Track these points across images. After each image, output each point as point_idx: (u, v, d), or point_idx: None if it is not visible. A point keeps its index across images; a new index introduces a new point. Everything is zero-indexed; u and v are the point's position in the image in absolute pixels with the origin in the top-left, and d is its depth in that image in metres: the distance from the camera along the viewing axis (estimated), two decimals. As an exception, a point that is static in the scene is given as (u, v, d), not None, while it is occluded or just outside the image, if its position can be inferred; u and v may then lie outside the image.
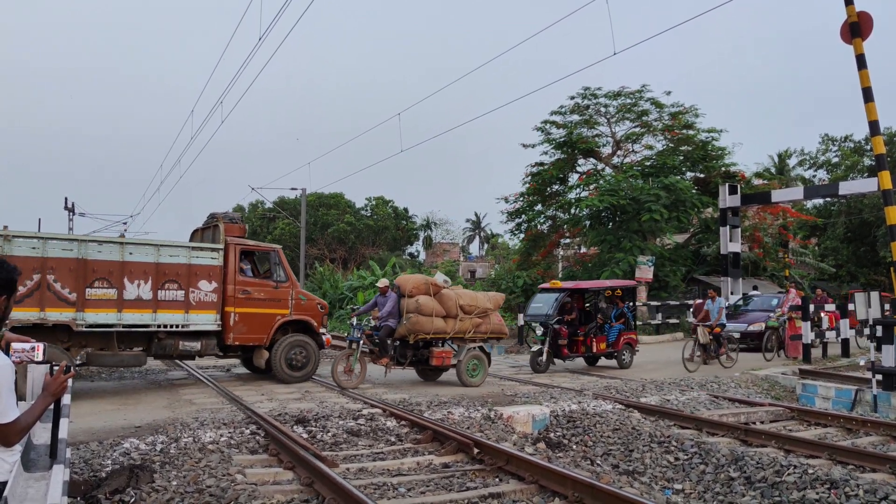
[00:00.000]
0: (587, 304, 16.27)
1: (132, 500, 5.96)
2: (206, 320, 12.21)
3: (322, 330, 13.50)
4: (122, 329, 11.49)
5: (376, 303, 12.91)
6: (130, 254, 11.70)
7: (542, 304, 15.53)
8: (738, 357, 15.97)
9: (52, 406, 3.20)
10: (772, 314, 17.35)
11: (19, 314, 10.51)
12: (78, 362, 11.51)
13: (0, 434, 2.89)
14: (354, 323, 12.49)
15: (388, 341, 12.36)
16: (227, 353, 13.13)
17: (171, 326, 11.90)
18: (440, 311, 12.33)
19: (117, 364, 12.12)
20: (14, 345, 3.14)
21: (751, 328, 18.68)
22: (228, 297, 12.45)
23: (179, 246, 12.37)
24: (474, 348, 12.80)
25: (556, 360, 15.28)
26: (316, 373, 13.50)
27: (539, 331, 14.89)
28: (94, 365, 12.05)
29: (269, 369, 13.16)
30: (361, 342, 12.08)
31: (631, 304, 16.34)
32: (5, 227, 11.08)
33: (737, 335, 18.28)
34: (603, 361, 16.16)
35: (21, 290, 10.27)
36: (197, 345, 12.19)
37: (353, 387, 11.87)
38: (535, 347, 14.96)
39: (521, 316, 21.37)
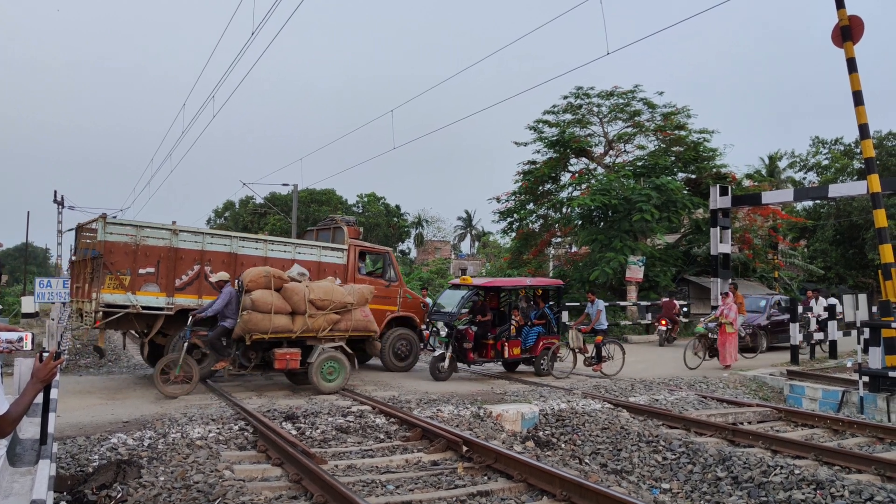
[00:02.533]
0: (502, 305, 14.61)
1: (119, 495, 5.93)
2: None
3: (423, 326, 14.76)
4: None
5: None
6: (271, 250, 12.99)
7: (449, 302, 14.04)
8: (626, 361, 14.46)
9: (41, 397, 3.16)
10: (702, 318, 16.49)
11: (181, 300, 11.89)
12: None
13: None
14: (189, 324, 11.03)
15: (224, 342, 10.89)
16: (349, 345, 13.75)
17: None
18: (283, 308, 10.77)
19: None
20: (1, 334, 3.09)
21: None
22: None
23: (312, 245, 13.75)
24: (330, 349, 11.22)
25: (503, 366, 14.27)
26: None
27: (443, 332, 13.01)
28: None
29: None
30: (187, 344, 10.64)
31: (554, 305, 14.66)
32: (174, 223, 12.15)
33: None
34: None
35: (183, 278, 12.00)
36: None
37: (185, 393, 10.56)
38: (438, 351, 13.19)
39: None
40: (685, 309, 23.31)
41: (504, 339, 13.66)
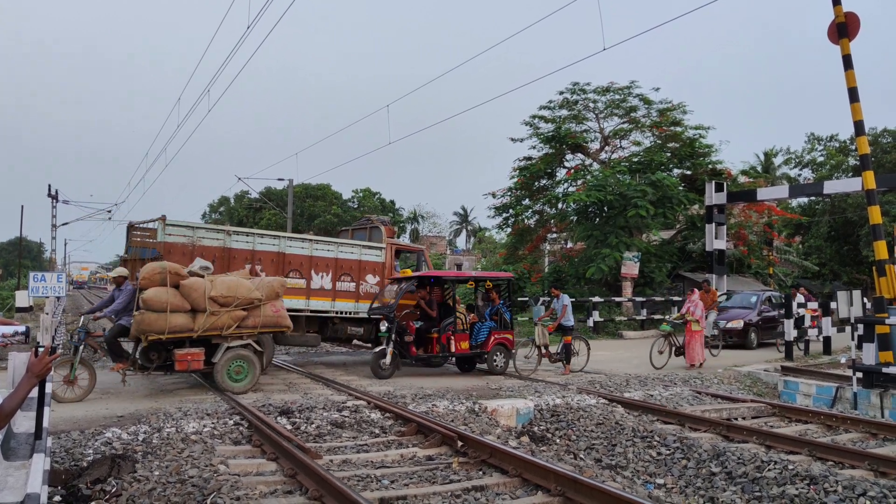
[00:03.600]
0: (446, 297, 14.06)
1: (114, 489, 5.92)
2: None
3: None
4: (308, 314, 13.32)
5: (113, 298, 10.88)
6: (316, 249, 13.53)
7: (391, 294, 13.56)
8: (590, 356, 14.14)
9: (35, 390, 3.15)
10: (667, 316, 15.80)
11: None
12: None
13: None
14: (81, 324, 10.69)
15: (121, 343, 10.54)
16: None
17: (345, 313, 13.81)
18: (181, 306, 10.17)
19: (300, 343, 13.84)
20: None
21: (730, 325, 18.63)
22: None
23: (353, 244, 14.25)
24: (237, 347, 10.60)
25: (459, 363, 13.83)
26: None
27: (384, 327, 12.41)
28: (281, 344, 13.95)
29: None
30: (82, 347, 10.10)
31: (507, 299, 14.07)
32: (226, 224, 12.58)
33: (715, 332, 18.42)
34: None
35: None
36: (360, 329, 14.10)
37: (78, 399, 9.84)
38: (379, 347, 12.67)
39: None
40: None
41: (450, 334, 13.02)
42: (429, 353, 13.07)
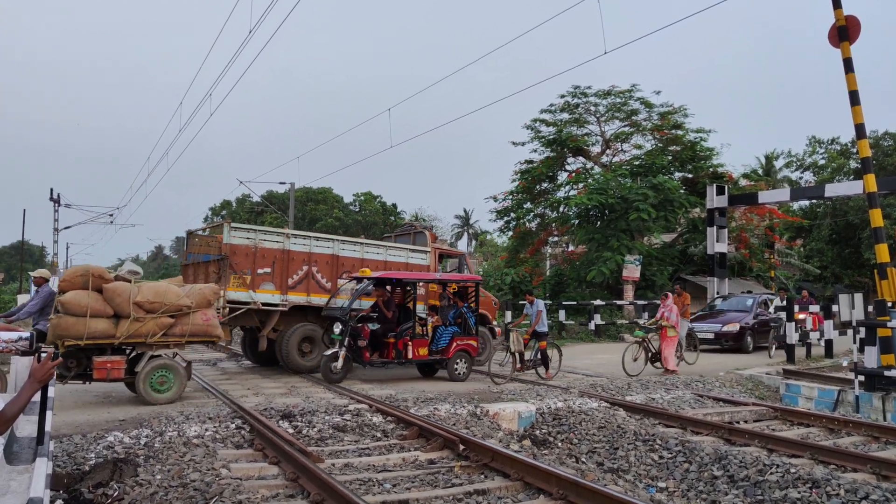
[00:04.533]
0: (407, 300, 13.53)
1: (116, 493, 5.93)
2: (417, 309, 14.07)
3: (494, 323, 15.91)
4: (364, 314, 13.24)
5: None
6: (367, 252, 14.05)
7: (345, 293, 13.11)
8: (561, 363, 13.79)
9: (38, 395, 3.15)
10: (640, 321, 14.99)
11: (293, 297, 13.10)
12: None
13: None
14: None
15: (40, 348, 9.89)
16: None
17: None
18: (102, 311, 9.69)
19: None
20: (0, 334, 3.08)
21: (725, 329, 18.34)
22: (432, 291, 14.65)
23: (401, 248, 14.80)
24: (162, 356, 10.07)
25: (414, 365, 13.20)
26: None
27: (337, 329, 11.97)
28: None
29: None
30: None
31: (473, 303, 13.51)
32: (286, 227, 13.39)
33: (711, 336, 18.29)
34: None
35: (294, 277, 13.10)
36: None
37: None
38: (330, 350, 12.16)
39: (507, 313, 21.33)
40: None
41: (407, 339, 12.53)
42: (384, 357, 12.56)
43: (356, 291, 12.53)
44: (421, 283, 14.13)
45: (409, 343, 12.51)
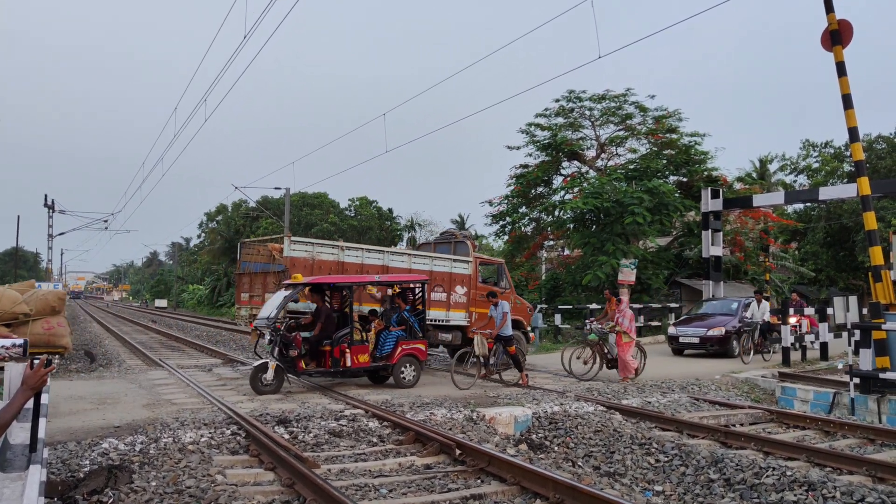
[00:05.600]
0: (344, 305, 12.65)
1: (110, 500, 5.90)
2: (460, 317, 15.16)
3: (529, 328, 16.65)
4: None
5: None
6: (414, 262, 14.54)
7: (274, 303, 12.17)
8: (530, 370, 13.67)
9: (31, 402, 3.14)
10: (590, 325, 14.31)
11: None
12: None
13: None
14: None
15: None
16: (467, 345, 14.44)
17: (437, 321, 14.70)
18: None
19: None
20: None
21: (710, 332, 17.95)
22: (472, 299, 15.35)
23: (445, 258, 15.29)
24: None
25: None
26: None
27: (267, 337, 11.34)
28: None
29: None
30: None
31: (419, 305, 13.08)
32: (340, 240, 13.76)
33: (696, 340, 18.15)
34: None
35: None
36: (449, 336, 14.93)
37: None
38: (259, 361, 11.68)
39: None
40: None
41: (344, 346, 11.80)
42: (321, 366, 11.89)
43: (285, 299, 11.68)
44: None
45: (347, 350, 11.81)
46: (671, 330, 19.33)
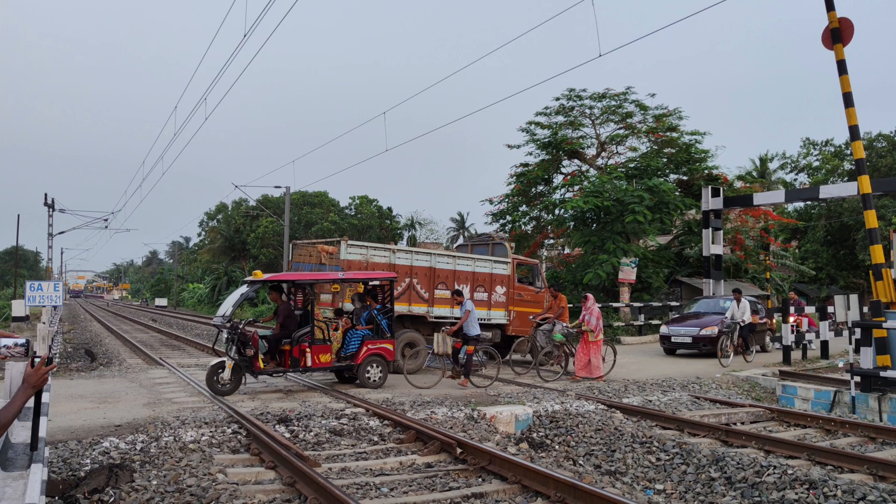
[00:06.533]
0: (307, 303, 12.18)
1: (111, 499, 5.90)
2: (500, 316, 15.80)
3: (567, 323, 16.31)
4: (453, 320, 14.14)
5: None
6: (459, 264, 15.19)
7: (231, 300, 11.74)
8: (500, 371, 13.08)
9: (32, 400, 3.12)
10: (554, 326, 13.90)
11: (398, 307, 13.67)
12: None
13: None
14: None
15: None
16: (506, 343, 15.47)
17: (479, 319, 14.22)
18: None
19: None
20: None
21: (703, 332, 17.67)
22: (511, 298, 15.94)
23: (486, 259, 15.91)
24: None
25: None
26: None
27: (224, 336, 11.06)
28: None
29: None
30: None
31: (389, 303, 12.70)
32: (394, 243, 14.46)
33: (688, 339, 17.87)
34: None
35: (399, 289, 13.91)
36: (489, 334, 15.03)
37: None
38: (216, 360, 11.24)
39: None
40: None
41: (305, 345, 11.39)
42: (280, 366, 11.49)
43: (242, 296, 11.44)
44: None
45: (308, 350, 11.40)
46: (663, 329, 18.95)
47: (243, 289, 11.70)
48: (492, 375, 12.86)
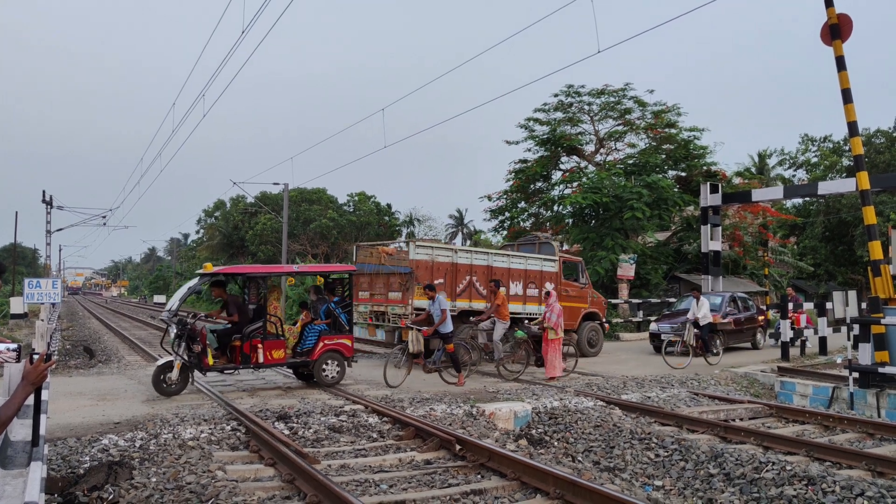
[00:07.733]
0: (260, 298, 11.61)
1: (111, 496, 5.90)
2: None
3: (604, 319, 18.31)
4: (524, 316, 15.15)
5: None
6: (512, 263, 16.01)
7: (178, 294, 11.19)
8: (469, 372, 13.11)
9: (31, 398, 3.12)
10: (495, 324, 13.54)
11: (460, 303, 14.89)
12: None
13: None
14: None
15: None
16: None
17: (531, 314, 15.88)
18: None
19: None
20: None
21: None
22: (559, 294, 15.49)
23: (537, 257, 16.74)
24: None
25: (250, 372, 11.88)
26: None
27: (172, 332, 10.53)
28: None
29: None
30: None
31: (347, 297, 12.36)
32: (451, 241, 15.25)
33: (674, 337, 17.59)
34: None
35: (460, 286, 14.89)
36: (536, 328, 14.77)
37: None
38: (163, 360, 10.76)
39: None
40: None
41: (257, 341, 10.96)
42: (231, 363, 11.09)
43: (189, 289, 11.01)
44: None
45: (260, 345, 10.99)
46: (653, 326, 18.59)
47: (192, 282, 11.20)
48: (518, 369, 13.23)
